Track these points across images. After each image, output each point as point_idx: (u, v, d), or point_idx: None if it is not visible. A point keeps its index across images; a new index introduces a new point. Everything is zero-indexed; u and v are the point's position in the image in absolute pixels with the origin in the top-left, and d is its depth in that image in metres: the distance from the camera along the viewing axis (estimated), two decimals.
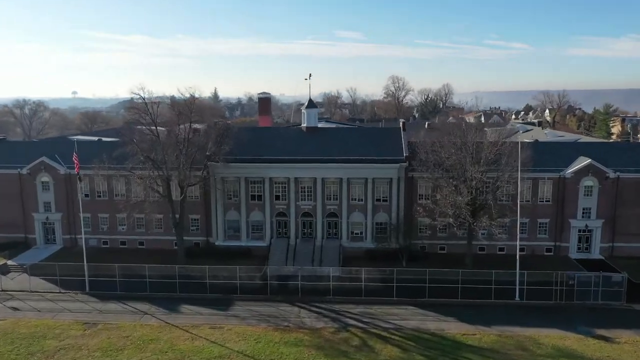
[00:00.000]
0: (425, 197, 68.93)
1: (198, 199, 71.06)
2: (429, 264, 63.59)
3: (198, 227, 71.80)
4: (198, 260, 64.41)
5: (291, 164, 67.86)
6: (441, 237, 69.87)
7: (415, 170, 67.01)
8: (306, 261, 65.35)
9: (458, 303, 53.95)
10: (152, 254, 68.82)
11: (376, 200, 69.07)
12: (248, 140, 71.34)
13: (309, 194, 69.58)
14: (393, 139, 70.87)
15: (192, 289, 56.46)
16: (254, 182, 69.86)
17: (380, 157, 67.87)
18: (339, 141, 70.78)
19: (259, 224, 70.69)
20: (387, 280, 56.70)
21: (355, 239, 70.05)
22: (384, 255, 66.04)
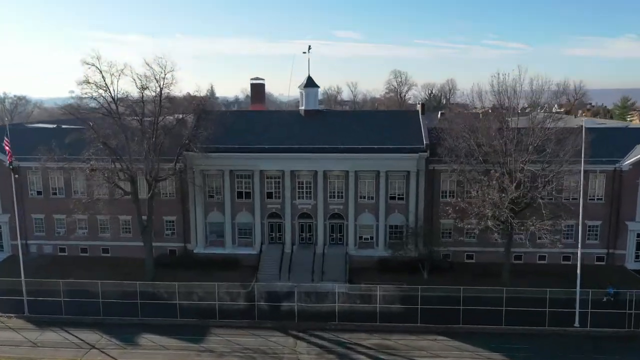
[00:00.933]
0: (449, 194, 56.59)
1: (173, 197, 58.65)
2: (456, 277, 51.63)
3: (173, 232, 59.32)
4: (171, 273, 52.13)
5: (286, 153, 55.40)
6: (469, 243, 57.52)
7: (440, 162, 54.53)
8: (304, 273, 53.00)
9: (503, 331, 41.52)
10: (118, 264, 56.55)
11: (390, 199, 56.63)
12: (234, 126, 58.97)
13: (308, 191, 57.16)
14: (410, 124, 58.45)
15: (158, 311, 43.93)
16: (241, 176, 57.38)
17: (395, 146, 55.42)
18: (344, 127, 58.33)
19: (247, 228, 58.26)
20: (408, 300, 44.28)
21: (364, 245, 57.65)
22: (399, 265, 53.67)
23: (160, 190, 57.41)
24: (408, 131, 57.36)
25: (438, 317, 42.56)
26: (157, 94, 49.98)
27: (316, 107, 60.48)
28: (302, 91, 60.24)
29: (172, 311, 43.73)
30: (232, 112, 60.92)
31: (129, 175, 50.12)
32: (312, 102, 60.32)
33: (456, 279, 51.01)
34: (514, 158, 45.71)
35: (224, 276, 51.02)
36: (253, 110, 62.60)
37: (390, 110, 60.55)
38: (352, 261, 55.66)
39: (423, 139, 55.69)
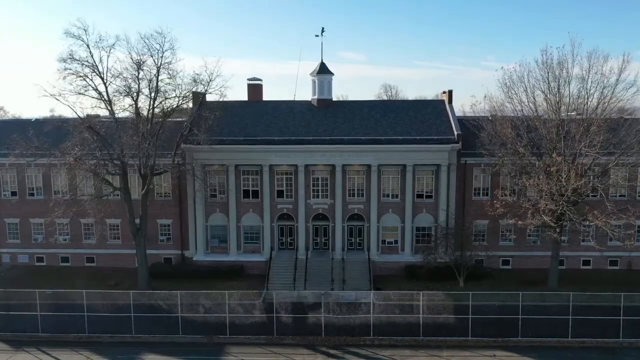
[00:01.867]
0: (482, 191, 50.31)
1: (169, 198, 51.41)
2: (496, 285, 45.13)
3: (170, 237, 51.93)
4: (167, 284, 44.91)
5: (300, 145, 48.73)
6: (505, 246, 51.10)
7: (473, 155, 48.45)
8: (322, 282, 45.99)
9: (570, 344, 34.90)
10: (104, 275, 48.96)
11: (417, 197, 50.13)
12: (240, 116, 52.29)
13: (324, 189, 50.43)
14: (436, 114, 52.29)
15: (156, 327, 36.50)
16: (247, 173, 50.47)
17: (423, 137, 49.13)
18: (363, 117, 51.93)
19: (255, 232, 51.16)
20: (453, 310, 37.53)
21: (387, 250, 50.87)
22: (430, 272, 46.96)
23: (155, 188, 50.27)
24: (435, 121, 51.17)
25: (492, 329, 35.84)
26: (154, 74, 43.06)
27: (330, 96, 54.04)
28: (314, 79, 53.84)
29: (173, 326, 36.33)
30: (238, 102, 53.95)
31: (120, 167, 42.87)
32: (326, 91, 53.88)
33: (497, 287, 44.54)
34: (577, 140, 39.44)
35: (228, 287, 43.82)
36: (259, 100, 55.81)
37: (412, 100, 54.10)
38: (376, 268, 48.81)
39: (453, 129, 49.52)
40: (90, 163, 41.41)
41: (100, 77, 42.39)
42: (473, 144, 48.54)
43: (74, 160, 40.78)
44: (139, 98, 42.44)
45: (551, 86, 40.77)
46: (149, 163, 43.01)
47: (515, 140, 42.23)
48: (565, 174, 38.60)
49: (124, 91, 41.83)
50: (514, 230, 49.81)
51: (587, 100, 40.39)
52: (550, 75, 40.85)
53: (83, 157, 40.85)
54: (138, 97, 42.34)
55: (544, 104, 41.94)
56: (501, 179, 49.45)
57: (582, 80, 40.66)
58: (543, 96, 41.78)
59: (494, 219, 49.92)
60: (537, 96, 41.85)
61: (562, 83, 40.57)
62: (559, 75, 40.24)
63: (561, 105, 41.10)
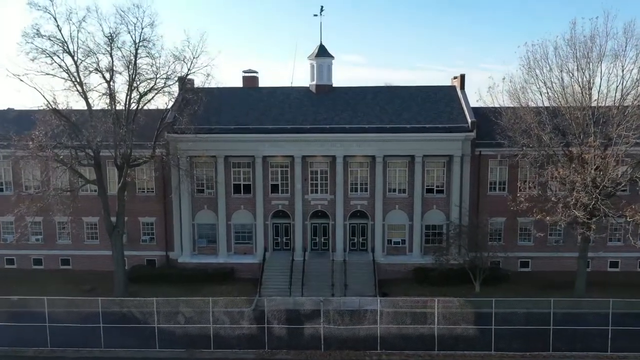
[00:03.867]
0: (499, 185, 45.42)
1: (152, 194, 46.47)
2: (516, 290, 40.51)
3: (152, 237, 46.95)
4: (149, 288, 40.15)
5: (297, 134, 43.84)
6: (523, 247, 46.18)
7: (489, 145, 43.70)
8: (322, 287, 41.14)
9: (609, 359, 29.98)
10: (80, 279, 44.23)
11: (427, 192, 45.21)
12: (231, 103, 47.45)
13: (324, 183, 45.53)
14: (447, 100, 47.40)
15: (128, 339, 31.54)
16: (238, 165, 45.55)
17: (433, 125, 44.26)
18: (366, 104, 47.03)
19: (247, 231, 46.23)
20: (472, 319, 32.59)
21: (394, 251, 45.93)
22: (442, 275, 42.02)
23: (136, 183, 45.38)
24: (446, 108, 46.29)
25: (519, 342, 30.89)
26: (132, 53, 38.11)
27: (330, 81, 49.12)
28: (312, 62, 48.92)
29: (148, 338, 31.37)
30: (229, 89, 49.07)
31: (92, 157, 37.92)
32: (325, 76, 48.95)
33: (517, 292, 39.80)
34: (613, 124, 34.49)
35: (216, 292, 39.43)
36: (252, 87, 50.87)
37: (420, 85, 49.19)
38: (381, 270, 43.85)
39: (467, 117, 44.63)
40: (55, 151, 36.35)
41: (70, 56, 37.49)
42: (488, 133, 43.80)
43: (37, 149, 35.73)
44: (114, 77, 37.43)
45: (581, 64, 35.81)
46: (125, 152, 38.03)
47: (539, 127, 37.27)
48: (600, 162, 33.62)
49: (94, 69, 36.77)
50: (534, 228, 45.05)
51: (623, 79, 35.47)
52: (580, 51, 35.92)
53: (48, 145, 35.78)
54: (112, 77, 37.34)
55: (573, 85, 36.98)
56: (520, 171, 44.67)
57: (616, 57, 35.77)
58: (571, 75, 36.81)
59: (511, 216, 45.09)
60: (566, 74, 36.84)
61: (594, 60, 35.63)
62: (591, 51, 35.30)
63: (592, 85, 36.17)
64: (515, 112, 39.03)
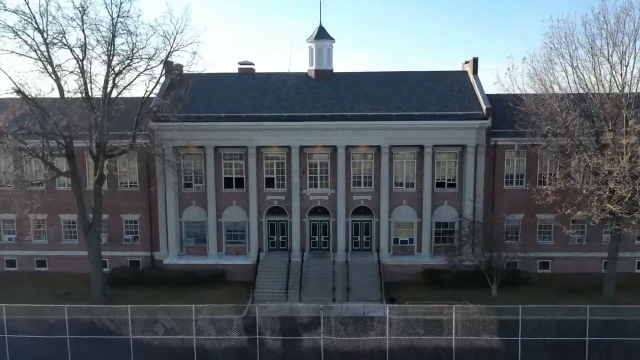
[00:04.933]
0: (516, 178, 41.34)
1: (136, 188, 42.37)
2: (538, 294, 36.62)
3: (136, 235, 42.84)
4: (131, 293, 36.37)
5: (294, 122, 39.75)
6: (543, 246, 42.05)
7: (505, 134, 39.71)
8: (322, 291, 37.13)
9: None
10: (57, 282, 40.18)
11: (437, 186, 41.12)
12: (222, 90, 43.37)
13: (324, 176, 41.44)
14: (459, 86, 43.30)
15: (100, 353, 27.40)
16: (230, 157, 41.46)
17: (444, 112, 40.18)
18: (370, 90, 42.94)
19: (239, 229, 42.15)
20: (496, 328, 28.48)
21: (401, 250, 41.84)
22: (454, 278, 37.87)
23: (118, 176, 41.38)
24: (458, 95, 42.19)
25: (548, 355, 26.76)
26: (110, 29, 34.00)
27: (330, 66, 45.02)
28: (311, 45, 44.81)
29: (122, 351, 27.24)
30: (218, 74, 44.98)
31: (63, 146, 33.83)
32: (325, 60, 44.84)
33: (539, 296, 35.92)
34: None
35: (204, 297, 35.52)
36: (245, 73, 46.78)
37: (429, 71, 45.14)
38: (387, 273, 39.75)
39: (481, 103, 40.54)
40: (19, 139, 32.23)
41: (40, 33, 33.36)
42: (503, 122, 39.90)
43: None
44: (87, 55, 33.27)
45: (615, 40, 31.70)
46: (100, 141, 33.91)
47: (566, 111, 33.16)
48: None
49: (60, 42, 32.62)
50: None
51: None
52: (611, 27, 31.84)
53: (8, 131, 31.59)
54: (85, 55, 33.20)
55: (602, 65, 32.89)
56: (540, 163, 40.66)
57: None
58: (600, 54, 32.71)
59: (530, 213, 41.10)
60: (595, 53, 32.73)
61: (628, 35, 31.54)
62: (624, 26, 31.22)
63: (627, 65, 32.07)
64: (539, 95, 34.91)
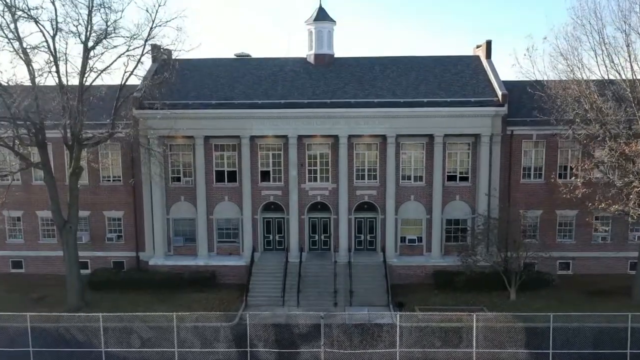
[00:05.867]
0: (534, 171, 37.88)
1: (119, 183, 38.86)
2: (561, 298, 33.27)
3: (120, 234, 39.36)
4: (112, 297, 33.12)
5: (292, 109, 36.27)
6: (563, 245, 38.59)
7: (524, 123, 36.37)
8: (322, 295, 33.73)
9: None
10: (33, 284, 36.90)
11: (448, 180, 37.65)
12: (214, 76, 39.95)
13: (324, 169, 37.97)
14: (471, 71, 39.84)
15: None
16: (221, 148, 37.99)
17: (456, 99, 36.71)
18: (374, 76, 39.48)
19: (232, 227, 38.70)
20: (523, 338, 24.97)
21: (409, 250, 38.36)
22: (468, 280, 34.33)
23: (100, 169, 38.00)
24: (471, 80, 38.71)
25: None
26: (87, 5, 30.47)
27: (331, 50, 41.56)
28: (310, 28, 41.31)
29: None
30: (210, 59, 41.56)
31: (33, 134, 30.33)
32: (325, 44, 41.34)
33: (562, 300, 32.61)
34: None
35: (193, 301, 32.13)
36: (239, 58, 43.31)
37: (437, 55, 41.70)
38: (393, 274, 36.33)
39: (496, 89, 37.06)
40: None
41: (7, 8, 29.83)
42: (520, 109, 36.66)
43: None
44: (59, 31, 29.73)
45: None
46: (75, 128, 30.38)
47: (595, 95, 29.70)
48: None
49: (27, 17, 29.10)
50: (575, 223, 37.74)
51: None
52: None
53: None
54: (56, 32, 29.65)
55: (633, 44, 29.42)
56: (560, 154, 37.28)
57: None
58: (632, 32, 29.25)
59: (549, 209, 37.76)
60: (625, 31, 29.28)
61: None
62: None
63: None
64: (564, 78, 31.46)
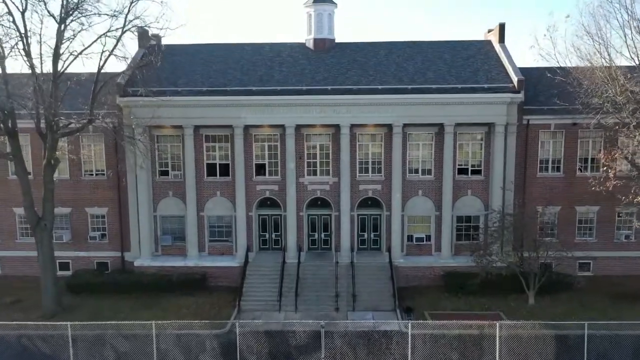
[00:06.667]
0: (553, 164, 34.97)
1: (102, 177, 35.90)
2: (584, 302, 30.36)
3: (104, 233, 36.41)
4: (93, 302, 30.24)
5: (290, 96, 33.30)
6: (583, 244, 35.60)
7: (540, 112, 33.53)
8: (322, 299, 30.81)
9: None
10: (8, 287, 33.72)
11: (459, 173, 34.71)
12: (205, 62, 37.04)
13: (325, 162, 35.03)
14: (483, 56, 36.91)
15: None
16: (213, 139, 35.04)
17: (467, 85, 33.75)
18: (378, 62, 36.57)
19: (225, 224, 35.75)
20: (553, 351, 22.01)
21: (417, 250, 35.39)
22: (483, 282, 31.33)
23: (82, 162, 35.14)
24: (483, 66, 35.76)
25: None
26: None
27: (332, 35, 38.64)
28: (309, 10, 38.35)
29: None
30: (202, 45, 38.67)
31: (1, 121, 27.38)
32: (325, 27, 38.41)
33: (584, 304, 29.80)
34: None
35: (181, 306, 29.32)
36: (234, 43, 40.39)
37: (446, 40, 38.80)
38: (400, 276, 33.37)
39: (511, 74, 34.11)
40: None
41: None
42: (536, 97, 33.86)
43: None
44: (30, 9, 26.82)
45: None
46: (48, 115, 27.42)
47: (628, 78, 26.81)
48: None
49: None
50: (596, 220, 34.90)
51: None
52: None
53: None
54: (26, 8, 26.69)
55: None
56: (580, 145, 34.41)
57: None
58: None
59: (568, 205, 34.98)
60: None
61: None
62: None
63: None
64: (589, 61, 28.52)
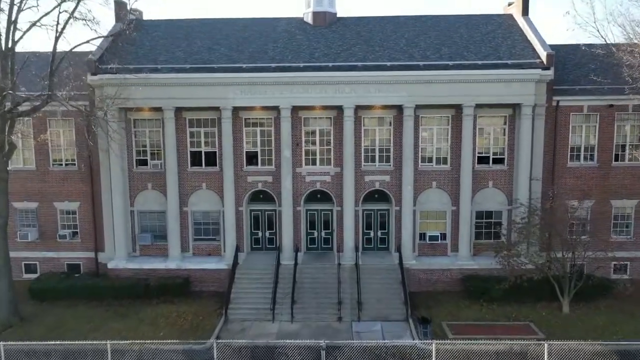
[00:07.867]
0: (585, 152, 30.71)
1: (74, 167, 31.65)
2: (622, 309, 26.15)
3: (76, 231, 32.16)
4: (57, 310, 26.15)
5: (285, 73, 28.97)
6: (619, 243, 31.22)
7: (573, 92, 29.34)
8: (322, 306, 26.56)
9: None
10: None
11: (479, 162, 30.43)
12: (190, 37, 32.80)
13: (325, 150, 30.76)
14: (504, 30, 32.65)
15: None
16: (198, 123, 30.76)
17: (489, 62, 29.47)
18: (385, 37, 32.34)
19: (212, 221, 31.48)
20: None
21: (430, 249, 31.09)
22: (511, 287, 27.01)
23: (49, 150, 30.93)
24: (505, 41, 31.51)
25: None
26: None
27: (333, 8, 34.43)
28: None
29: None
30: (188, 20, 34.55)
31: None
32: (325, 1, 34.18)
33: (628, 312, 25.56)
34: None
35: (159, 315, 25.21)
36: (222, 18, 36.15)
37: (461, 15, 34.63)
38: (411, 280, 29.12)
39: (538, 50, 29.84)
40: None
41: None
42: (566, 77, 29.80)
43: None
44: None
45: None
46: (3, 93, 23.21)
47: None
48: None
49: None
50: (634, 216, 30.72)
51: None
52: None
53: None
54: None
55: None
56: (617, 130, 30.19)
57: None
58: None
59: (602, 199, 30.77)
60: None
61: None
62: None
63: None
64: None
